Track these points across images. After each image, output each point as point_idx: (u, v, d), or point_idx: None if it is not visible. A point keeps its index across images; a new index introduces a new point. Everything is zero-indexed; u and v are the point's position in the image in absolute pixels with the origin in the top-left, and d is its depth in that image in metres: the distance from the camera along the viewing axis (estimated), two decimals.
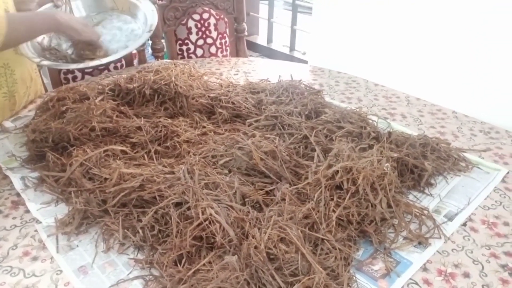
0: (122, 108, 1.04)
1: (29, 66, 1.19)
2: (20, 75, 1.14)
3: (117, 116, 1.00)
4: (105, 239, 0.74)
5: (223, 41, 1.90)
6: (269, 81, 1.30)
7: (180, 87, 1.09)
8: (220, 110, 1.08)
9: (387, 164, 0.84)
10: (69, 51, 1.10)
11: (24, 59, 1.15)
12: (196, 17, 1.80)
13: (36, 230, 0.77)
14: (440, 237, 0.76)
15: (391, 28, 1.62)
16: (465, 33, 1.39)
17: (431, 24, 1.49)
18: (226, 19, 1.88)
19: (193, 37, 1.83)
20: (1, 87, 1.07)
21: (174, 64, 1.21)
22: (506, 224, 0.81)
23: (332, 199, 0.76)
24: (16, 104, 1.15)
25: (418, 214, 0.80)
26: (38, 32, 1.04)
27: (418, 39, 1.54)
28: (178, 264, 0.66)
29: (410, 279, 0.68)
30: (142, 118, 1.02)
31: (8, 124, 1.10)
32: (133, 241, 0.72)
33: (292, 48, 3.58)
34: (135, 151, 0.92)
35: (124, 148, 0.90)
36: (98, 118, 0.96)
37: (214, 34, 1.86)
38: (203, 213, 0.68)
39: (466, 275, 0.69)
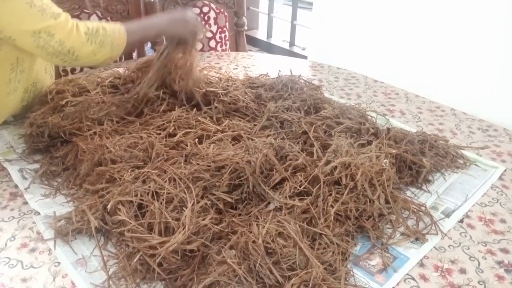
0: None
1: (49, 82, 1.18)
2: (40, 91, 1.14)
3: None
4: (104, 232, 0.74)
5: (222, 35, 1.90)
6: (268, 76, 1.30)
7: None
8: (217, 104, 1.08)
9: (386, 160, 0.84)
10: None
11: (47, 77, 1.16)
12: (196, 10, 1.80)
13: (34, 222, 0.77)
14: (437, 233, 0.76)
15: (391, 24, 1.62)
16: (464, 30, 1.39)
17: (430, 21, 1.48)
18: (226, 13, 1.88)
19: None
20: (23, 101, 1.09)
21: None
22: (502, 221, 0.81)
23: (331, 195, 0.76)
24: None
25: (415, 210, 0.80)
26: (147, 40, 1.12)
27: (418, 36, 1.54)
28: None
29: (407, 274, 0.69)
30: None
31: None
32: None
33: (292, 43, 3.58)
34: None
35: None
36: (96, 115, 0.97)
37: (214, 28, 1.86)
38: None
39: (463, 271, 0.70)
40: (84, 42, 0.92)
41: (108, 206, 0.72)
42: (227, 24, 1.90)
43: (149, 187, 0.74)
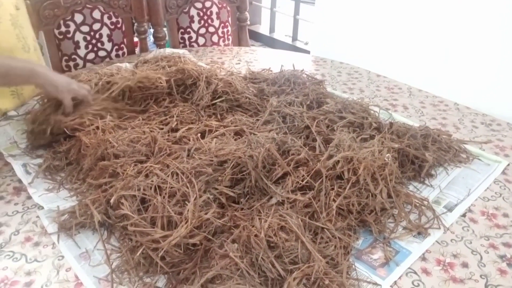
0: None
1: (35, 62, 1.18)
2: None
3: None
4: (107, 226, 0.74)
5: (225, 30, 1.89)
6: (271, 70, 1.30)
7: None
8: (220, 100, 1.08)
9: (388, 154, 0.84)
10: None
11: (30, 56, 1.15)
12: (199, 5, 1.79)
13: (38, 216, 0.78)
14: (440, 228, 0.76)
15: (394, 19, 1.61)
16: (467, 25, 1.38)
17: (434, 16, 1.48)
18: (228, 8, 1.87)
19: (195, 26, 1.82)
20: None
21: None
22: (505, 215, 0.81)
23: (333, 189, 0.77)
24: (24, 100, 1.15)
25: (418, 204, 0.80)
26: (13, 83, 0.99)
27: (421, 31, 1.54)
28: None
29: (409, 268, 0.69)
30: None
31: (11, 112, 1.10)
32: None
33: (294, 38, 3.57)
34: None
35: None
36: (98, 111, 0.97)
37: (216, 23, 1.86)
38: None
39: (465, 265, 0.70)
40: None
41: (111, 201, 0.73)
42: (229, 19, 1.90)
43: (152, 181, 0.74)
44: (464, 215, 0.81)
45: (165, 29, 1.77)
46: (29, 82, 0.97)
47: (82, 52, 1.56)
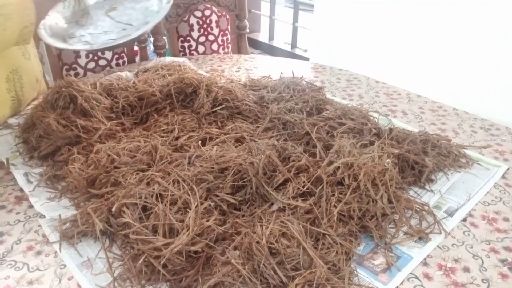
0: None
1: (36, 69, 1.19)
2: (28, 79, 1.15)
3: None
4: (108, 235, 0.75)
5: (224, 38, 1.91)
6: (270, 78, 1.31)
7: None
8: (221, 108, 1.08)
9: (388, 160, 0.84)
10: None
11: (31, 64, 1.16)
12: (198, 14, 1.81)
13: (39, 225, 0.78)
14: (441, 232, 0.77)
15: (393, 25, 1.62)
16: (465, 30, 1.39)
17: (432, 22, 1.49)
18: (227, 16, 1.89)
19: (195, 34, 1.83)
20: (10, 91, 1.09)
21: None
22: (506, 219, 0.81)
23: (334, 195, 0.77)
24: (22, 106, 1.16)
25: (418, 209, 0.80)
26: None
27: (419, 37, 1.54)
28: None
29: (411, 273, 0.69)
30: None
31: (11, 120, 1.11)
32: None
33: (293, 45, 3.59)
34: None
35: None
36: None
37: (215, 31, 1.87)
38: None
39: (466, 269, 0.70)
40: None
41: (113, 209, 0.73)
42: (229, 27, 1.91)
43: (153, 189, 0.74)
44: (464, 220, 0.81)
45: (165, 37, 1.78)
46: None
47: (82, 61, 1.57)
